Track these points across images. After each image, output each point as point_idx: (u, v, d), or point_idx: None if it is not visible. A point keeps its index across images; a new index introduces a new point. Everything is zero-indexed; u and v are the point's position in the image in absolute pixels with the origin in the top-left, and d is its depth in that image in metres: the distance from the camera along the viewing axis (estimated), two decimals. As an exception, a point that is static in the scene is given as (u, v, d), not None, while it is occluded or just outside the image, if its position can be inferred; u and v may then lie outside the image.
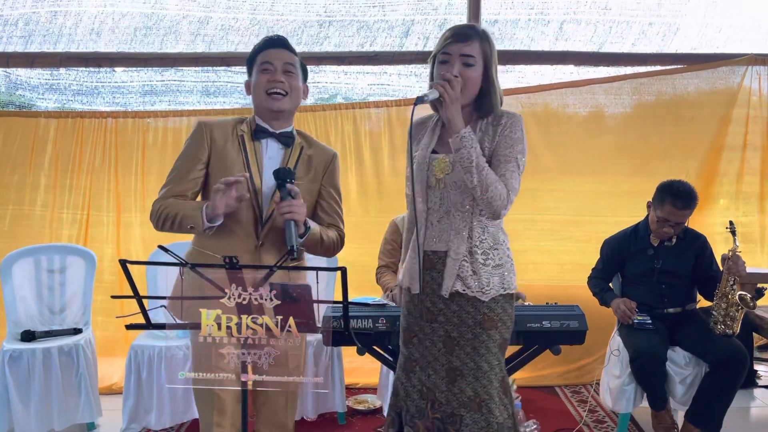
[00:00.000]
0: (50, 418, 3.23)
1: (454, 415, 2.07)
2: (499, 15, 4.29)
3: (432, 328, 2.11)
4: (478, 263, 2.06)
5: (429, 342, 2.12)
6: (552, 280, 4.14)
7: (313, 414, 3.44)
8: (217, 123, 2.18)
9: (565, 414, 3.61)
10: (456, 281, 2.05)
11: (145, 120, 4.12)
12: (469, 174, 1.95)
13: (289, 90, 2.12)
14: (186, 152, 2.16)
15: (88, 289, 3.58)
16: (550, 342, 2.80)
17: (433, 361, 2.11)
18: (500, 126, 2.06)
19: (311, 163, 2.21)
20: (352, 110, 4.15)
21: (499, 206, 1.98)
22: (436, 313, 2.10)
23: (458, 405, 2.07)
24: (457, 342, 2.07)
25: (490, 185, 1.95)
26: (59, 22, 4.17)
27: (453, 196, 2.06)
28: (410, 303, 2.16)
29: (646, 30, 4.31)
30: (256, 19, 4.19)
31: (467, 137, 1.95)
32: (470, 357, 2.07)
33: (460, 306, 2.06)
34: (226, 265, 1.67)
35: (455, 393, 2.07)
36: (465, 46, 2.00)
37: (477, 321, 2.07)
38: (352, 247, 4.06)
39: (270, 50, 2.14)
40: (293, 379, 1.90)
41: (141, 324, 1.78)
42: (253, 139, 2.14)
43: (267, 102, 2.11)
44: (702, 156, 4.17)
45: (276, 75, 2.10)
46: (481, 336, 2.07)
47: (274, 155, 2.16)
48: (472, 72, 2.01)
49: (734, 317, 3.08)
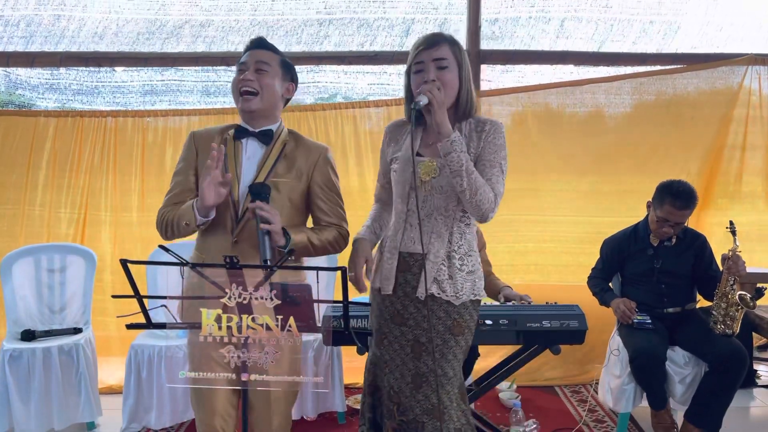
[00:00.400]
0: (50, 418, 3.24)
1: (416, 422, 2.08)
2: (500, 14, 4.29)
3: (401, 331, 2.11)
4: (455, 268, 2.08)
5: (398, 345, 2.12)
6: (553, 280, 4.14)
7: (313, 413, 3.45)
8: (205, 132, 2.24)
9: (565, 413, 3.61)
10: (432, 284, 2.06)
11: (145, 119, 4.12)
12: (458, 177, 1.96)
13: (259, 89, 2.12)
14: (180, 164, 2.23)
15: (88, 288, 3.58)
16: (550, 342, 2.81)
17: (400, 365, 2.11)
18: (484, 132, 2.09)
19: (294, 161, 2.19)
20: (352, 110, 4.14)
21: (487, 209, 2.00)
22: (407, 316, 2.10)
23: (421, 412, 2.07)
24: (425, 347, 2.07)
25: (479, 189, 1.97)
26: (62, 25, 4.17)
27: (437, 200, 2.07)
28: (381, 304, 2.16)
29: (647, 28, 4.31)
30: (256, 20, 4.19)
31: (457, 141, 1.96)
32: (438, 363, 2.07)
33: (432, 311, 2.06)
34: (227, 265, 1.67)
35: (419, 399, 2.08)
36: (435, 50, 2.03)
37: (447, 326, 2.08)
38: (350, 246, 4.09)
39: (248, 52, 2.18)
40: (292, 378, 1.90)
41: (141, 323, 1.78)
42: (234, 140, 2.18)
43: (240, 102, 2.15)
44: (702, 156, 4.17)
45: (246, 74, 2.12)
46: (450, 342, 2.08)
47: (253, 153, 2.17)
48: (447, 74, 2.03)
49: (734, 317, 3.08)
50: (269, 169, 2.14)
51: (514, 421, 3.28)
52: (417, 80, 2.05)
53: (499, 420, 3.44)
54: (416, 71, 2.05)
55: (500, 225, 4.09)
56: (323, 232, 2.22)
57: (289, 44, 4.22)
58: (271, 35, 4.21)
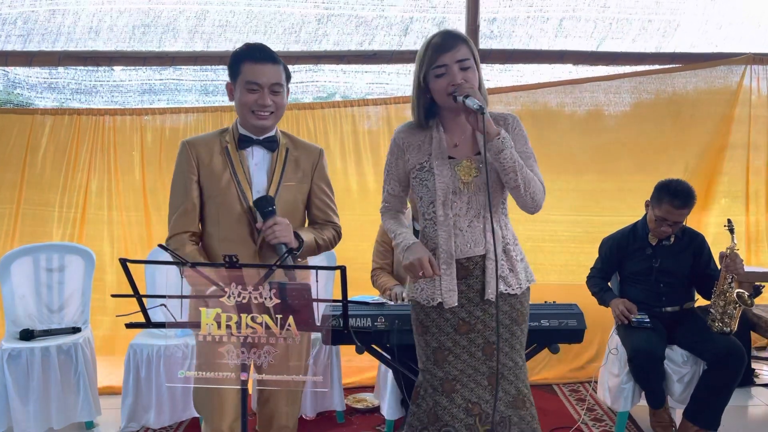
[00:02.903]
0: (49, 417, 3.23)
1: (502, 420, 2.07)
2: (498, 13, 4.29)
3: (469, 339, 2.08)
4: (513, 260, 2.11)
5: (467, 355, 2.09)
6: (552, 279, 4.14)
7: (312, 413, 3.45)
8: (201, 140, 2.20)
9: (564, 412, 3.62)
10: (500, 282, 2.05)
11: (143, 117, 4.11)
12: (513, 173, 1.97)
13: (275, 109, 2.15)
14: (179, 179, 2.19)
15: (87, 287, 3.57)
16: (549, 341, 2.81)
17: (474, 374, 2.09)
18: (509, 126, 2.11)
19: (299, 163, 2.23)
20: (350, 108, 4.14)
21: (540, 199, 2.05)
22: (473, 322, 2.08)
23: (505, 408, 2.08)
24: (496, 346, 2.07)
25: (531, 181, 2.00)
26: (58, 20, 4.17)
27: (482, 198, 2.05)
28: (440, 319, 2.09)
29: (645, 26, 4.32)
30: (252, 12, 4.17)
31: (507, 138, 1.97)
32: (509, 356, 2.09)
33: (498, 308, 2.07)
34: (226, 264, 1.67)
35: (500, 397, 2.07)
36: (456, 52, 2.00)
37: (513, 318, 2.10)
38: (350, 246, 4.08)
39: (256, 66, 2.10)
40: (293, 377, 1.90)
41: (141, 323, 1.77)
42: (238, 149, 2.17)
43: (252, 120, 2.13)
44: (701, 155, 4.17)
45: (264, 98, 2.10)
46: (517, 332, 2.11)
47: (261, 161, 2.19)
48: (470, 74, 2.02)
49: (732, 315, 3.08)
50: (280, 174, 2.18)
51: (512, 420, 3.28)
52: (441, 84, 2.00)
53: (497, 419, 3.44)
54: (438, 75, 2.01)
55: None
56: (323, 231, 2.26)
57: (287, 43, 4.22)
58: (269, 34, 4.20)
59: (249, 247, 2.14)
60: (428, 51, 2.02)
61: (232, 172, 2.14)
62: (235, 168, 2.14)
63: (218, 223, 2.15)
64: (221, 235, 2.15)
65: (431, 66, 2.01)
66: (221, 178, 2.14)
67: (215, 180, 2.14)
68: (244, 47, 2.15)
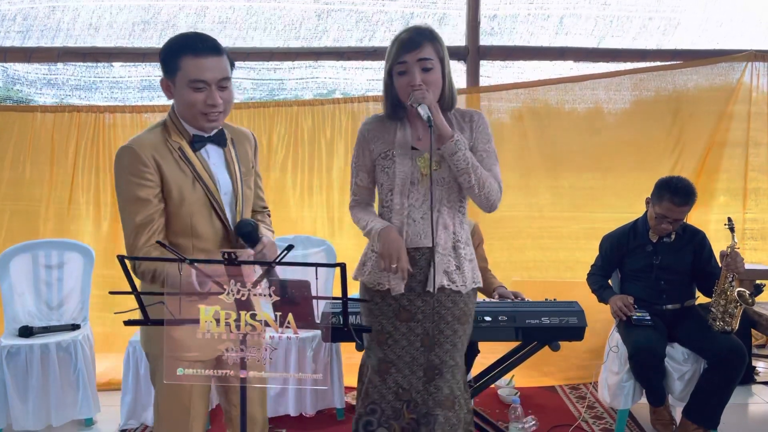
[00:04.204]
0: (48, 414, 3.23)
1: (428, 415, 2.09)
2: (499, 10, 4.28)
3: (408, 327, 2.11)
4: (461, 257, 2.11)
5: (406, 341, 2.12)
6: (551, 276, 4.14)
7: (312, 410, 3.44)
8: (149, 142, 1.90)
9: (564, 410, 3.61)
10: (443, 277, 2.07)
11: (143, 115, 4.10)
12: (466, 175, 1.99)
13: (224, 108, 1.92)
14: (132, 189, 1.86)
15: (86, 284, 3.57)
16: (549, 338, 2.81)
17: (410, 362, 2.11)
18: (474, 123, 2.12)
19: (244, 153, 2.08)
20: (350, 105, 4.13)
21: (495, 200, 2.06)
22: (414, 311, 2.10)
23: (434, 404, 2.09)
24: (437, 339, 2.09)
25: (485, 181, 2.02)
26: (57, 16, 4.16)
27: (439, 192, 2.08)
28: (382, 303, 2.15)
29: (646, 23, 4.31)
30: (252, 8, 4.16)
31: (461, 140, 2.00)
32: (449, 354, 2.10)
33: (440, 302, 2.08)
34: (225, 261, 1.66)
35: (431, 392, 2.09)
36: (418, 52, 2.02)
37: (455, 316, 2.10)
38: (349, 243, 4.08)
39: (198, 60, 1.83)
40: (291, 374, 1.90)
41: (139, 320, 1.77)
42: (193, 150, 1.94)
43: (202, 122, 1.91)
44: (702, 152, 4.16)
45: (213, 96, 1.86)
46: (459, 331, 2.11)
47: (217, 159, 2.00)
48: (432, 75, 2.04)
49: (733, 314, 3.08)
50: (238, 170, 2.02)
51: (513, 418, 3.28)
52: (402, 82, 2.05)
53: (498, 416, 3.44)
54: (400, 72, 2.05)
55: (498, 221, 4.08)
56: (266, 219, 2.19)
57: (287, 39, 4.21)
58: (269, 30, 4.19)
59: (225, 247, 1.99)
60: (394, 47, 2.08)
61: (197, 176, 1.91)
62: (198, 171, 1.92)
63: (191, 234, 1.94)
64: (198, 246, 1.95)
65: (395, 62, 2.06)
66: (186, 183, 1.90)
67: (179, 187, 1.89)
68: (180, 38, 1.88)
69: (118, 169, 1.88)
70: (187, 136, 1.95)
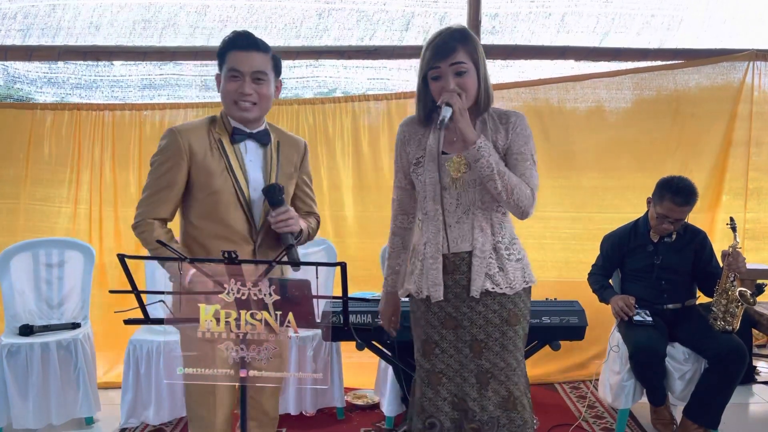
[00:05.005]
0: (48, 413, 3.23)
1: (491, 420, 2.05)
2: (500, 8, 4.27)
3: (456, 334, 2.07)
4: (504, 259, 2.06)
5: (453, 350, 2.08)
6: (553, 276, 4.13)
7: (312, 409, 3.44)
8: (192, 129, 2.08)
9: (564, 409, 3.61)
10: (485, 280, 2.03)
11: (143, 113, 4.10)
12: (492, 182, 1.95)
13: (257, 100, 2.06)
14: (163, 164, 2.05)
15: (87, 283, 3.57)
16: (550, 337, 2.81)
17: (461, 369, 2.08)
18: (510, 124, 2.07)
19: (290, 158, 2.19)
20: (351, 104, 4.13)
21: (527, 206, 2.00)
22: (460, 318, 2.06)
23: (494, 408, 2.06)
24: (485, 344, 2.05)
25: (515, 188, 1.96)
26: (58, 15, 4.15)
27: (471, 194, 2.04)
28: (428, 312, 2.10)
29: (649, 21, 4.30)
30: (253, 7, 4.15)
31: (484, 147, 1.94)
32: (500, 356, 2.06)
33: (486, 306, 2.04)
34: (225, 260, 1.66)
35: (489, 396, 2.06)
36: (453, 57, 1.98)
37: (503, 318, 2.06)
38: (350, 242, 4.09)
39: (239, 53, 2.03)
40: (292, 373, 1.90)
41: (139, 319, 1.77)
42: (232, 143, 2.09)
43: (234, 110, 2.06)
44: (704, 152, 4.15)
45: (244, 86, 2.03)
46: (509, 333, 2.07)
47: (255, 157, 2.12)
48: (466, 79, 2.00)
49: (734, 313, 3.07)
50: (276, 170, 2.14)
51: (513, 417, 3.27)
52: (436, 87, 2.01)
53: (498, 416, 3.44)
54: (434, 77, 2.01)
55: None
56: (308, 219, 2.24)
57: (288, 38, 4.20)
58: (270, 29, 4.18)
59: (247, 245, 2.08)
60: (427, 52, 2.02)
61: (229, 168, 2.05)
62: (231, 163, 2.05)
63: (211, 219, 2.06)
64: (215, 232, 2.05)
65: (428, 68, 2.02)
66: (216, 173, 2.04)
67: (209, 174, 2.03)
68: (232, 35, 2.08)
69: (159, 146, 2.07)
70: (229, 128, 2.09)
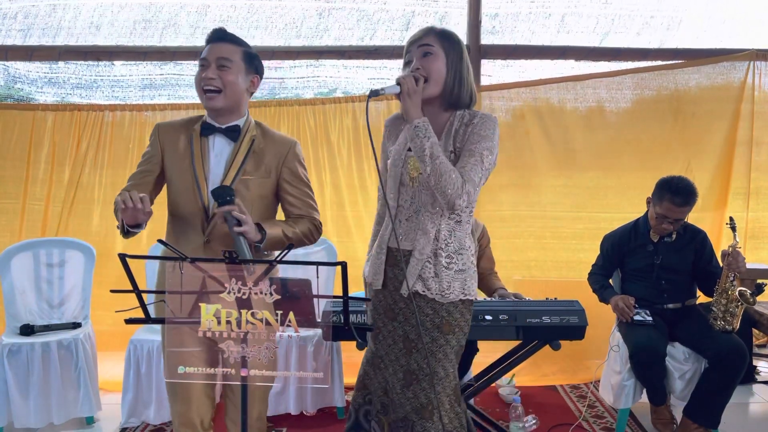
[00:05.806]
0: (49, 412, 3.23)
1: (406, 420, 2.07)
2: (500, 8, 4.28)
3: (393, 326, 2.12)
4: (441, 266, 2.04)
5: (391, 340, 2.13)
6: (553, 275, 4.13)
7: (313, 408, 3.44)
8: (172, 124, 2.20)
9: (565, 409, 3.61)
10: (417, 281, 2.05)
11: (143, 113, 4.10)
12: (422, 163, 1.94)
13: (222, 86, 2.08)
14: (143, 158, 2.20)
15: (87, 283, 3.57)
16: (550, 337, 2.80)
17: (393, 361, 2.12)
18: (472, 125, 2.07)
19: (263, 157, 2.14)
20: (351, 104, 4.13)
21: (453, 195, 1.92)
22: (397, 311, 2.11)
23: (411, 410, 2.06)
24: (415, 345, 2.07)
25: (443, 174, 1.91)
26: (58, 15, 4.16)
27: (424, 196, 2.05)
28: (375, 298, 2.18)
29: (648, 21, 4.30)
30: (254, 7, 4.16)
31: (421, 127, 1.95)
32: (427, 362, 2.05)
33: (419, 307, 2.05)
34: (226, 260, 1.66)
35: (408, 397, 2.07)
36: (422, 40, 2.05)
37: (435, 324, 2.06)
38: (350, 242, 4.09)
39: (209, 46, 2.13)
40: (292, 373, 1.90)
41: (140, 318, 1.77)
42: (201, 136, 2.13)
43: (203, 100, 2.11)
44: (705, 151, 4.15)
45: (208, 71, 2.08)
46: (439, 340, 2.06)
47: (221, 151, 2.13)
48: (432, 62, 2.02)
49: (734, 313, 3.07)
50: (238, 167, 2.10)
51: (513, 417, 3.28)
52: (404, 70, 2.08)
53: (498, 416, 3.44)
54: (406, 62, 2.08)
55: (500, 220, 4.08)
56: (297, 224, 2.18)
57: (288, 38, 4.20)
58: (270, 29, 4.19)
59: (198, 239, 2.08)
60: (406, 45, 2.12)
61: (191, 161, 2.10)
62: (194, 156, 2.10)
63: (175, 213, 2.14)
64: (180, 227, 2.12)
65: (405, 57, 2.10)
66: (181, 166, 2.11)
67: (173, 168, 2.13)
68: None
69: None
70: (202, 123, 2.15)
